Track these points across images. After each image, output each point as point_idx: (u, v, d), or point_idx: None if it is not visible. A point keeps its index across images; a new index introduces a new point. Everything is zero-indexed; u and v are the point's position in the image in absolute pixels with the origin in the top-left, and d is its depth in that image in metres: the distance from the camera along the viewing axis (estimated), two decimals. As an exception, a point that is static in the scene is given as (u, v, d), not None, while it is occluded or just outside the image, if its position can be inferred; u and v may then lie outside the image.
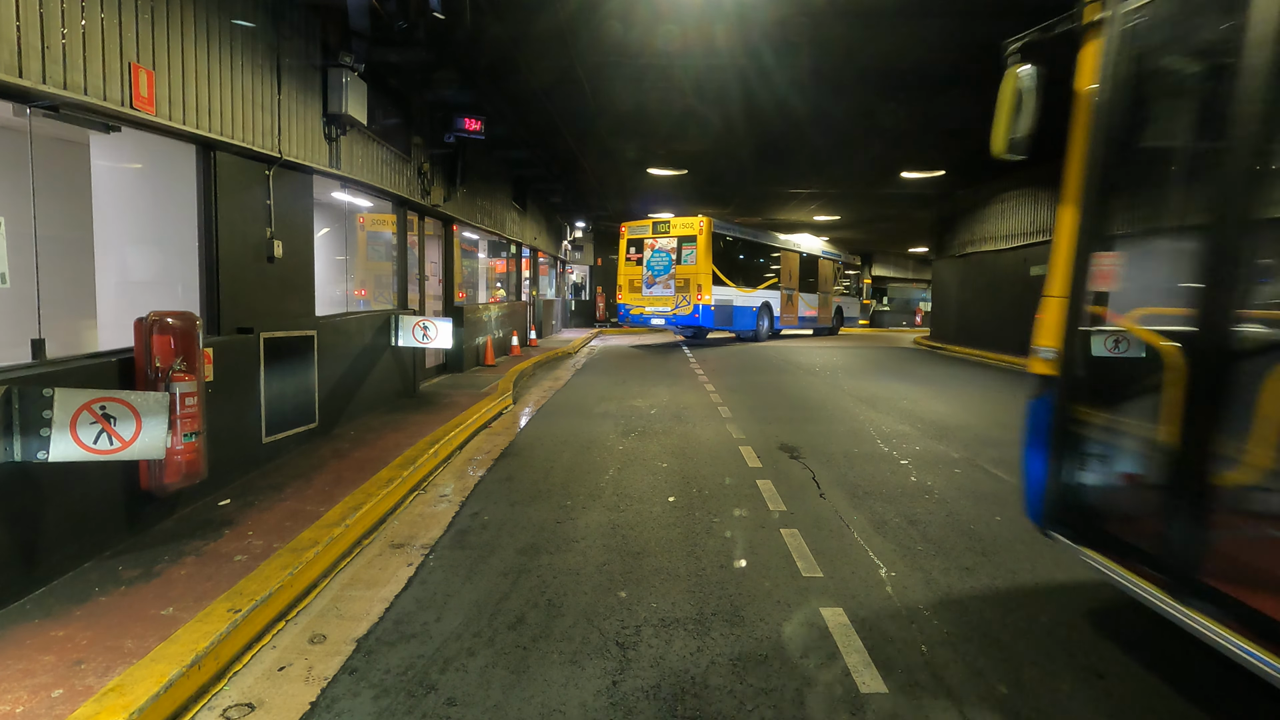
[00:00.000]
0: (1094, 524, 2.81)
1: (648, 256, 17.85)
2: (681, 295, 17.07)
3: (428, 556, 3.84)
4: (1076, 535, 2.83)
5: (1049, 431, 2.94)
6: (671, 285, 17.35)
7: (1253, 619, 2.06)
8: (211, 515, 4.03)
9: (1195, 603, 2.24)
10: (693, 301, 16.83)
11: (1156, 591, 2.40)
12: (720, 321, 17.55)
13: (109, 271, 4.66)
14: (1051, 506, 2.93)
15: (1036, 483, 3.01)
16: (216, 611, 2.88)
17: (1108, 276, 2.87)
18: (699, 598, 3.34)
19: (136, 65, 3.69)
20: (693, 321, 17.11)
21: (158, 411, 3.32)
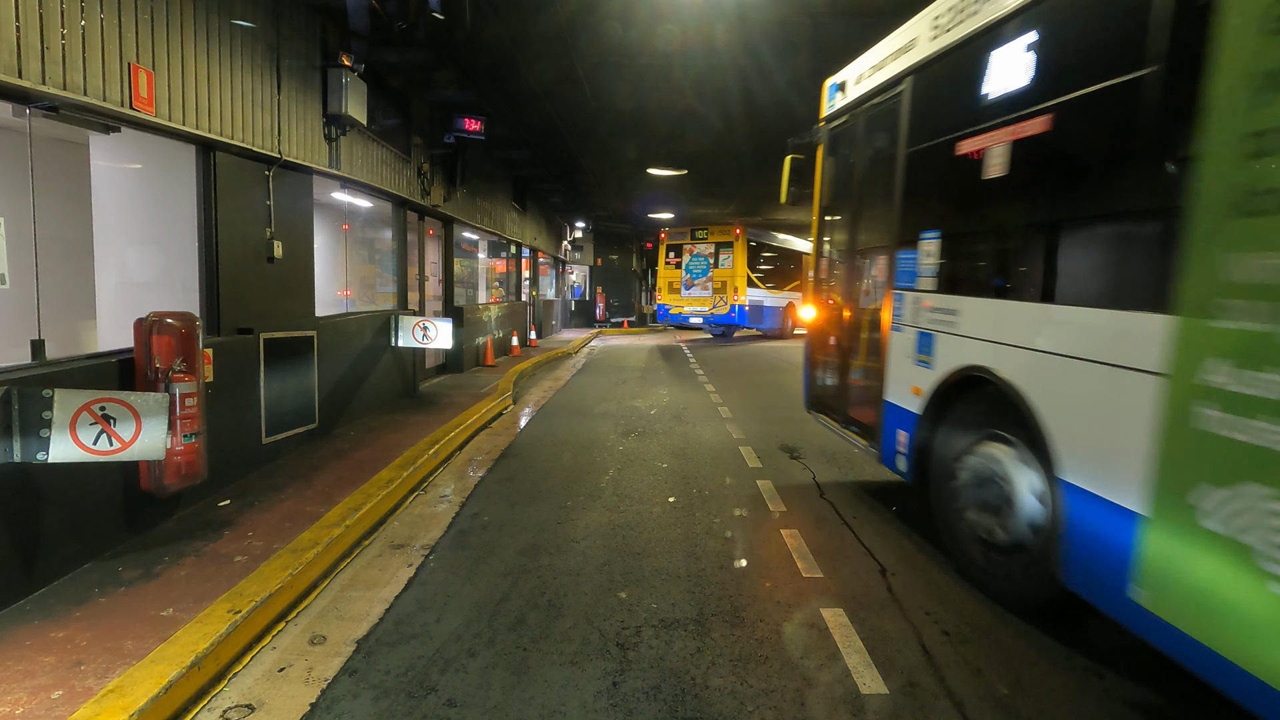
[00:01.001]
0: (822, 407, 5.68)
1: (686, 261, 19.75)
2: (719, 296, 18.97)
3: (428, 557, 3.84)
4: (814, 409, 5.82)
5: (805, 364, 5.99)
6: (709, 287, 19.20)
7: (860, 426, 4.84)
8: (211, 516, 4.02)
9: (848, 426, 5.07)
10: (729, 302, 18.73)
11: (835, 424, 5.31)
12: (753, 320, 19.26)
13: (109, 272, 4.65)
14: (807, 399, 5.95)
15: (805, 388, 6.01)
16: (216, 612, 2.88)
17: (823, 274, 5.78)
18: (699, 598, 3.34)
19: (136, 66, 3.68)
20: (728, 320, 18.87)
21: (157, 412, 3.31)
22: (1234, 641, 2.04)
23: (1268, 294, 1.94)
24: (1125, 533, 2.44)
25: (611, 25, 7.72)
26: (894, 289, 4.33)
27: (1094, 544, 2.64)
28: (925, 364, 3.95)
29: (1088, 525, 2.67)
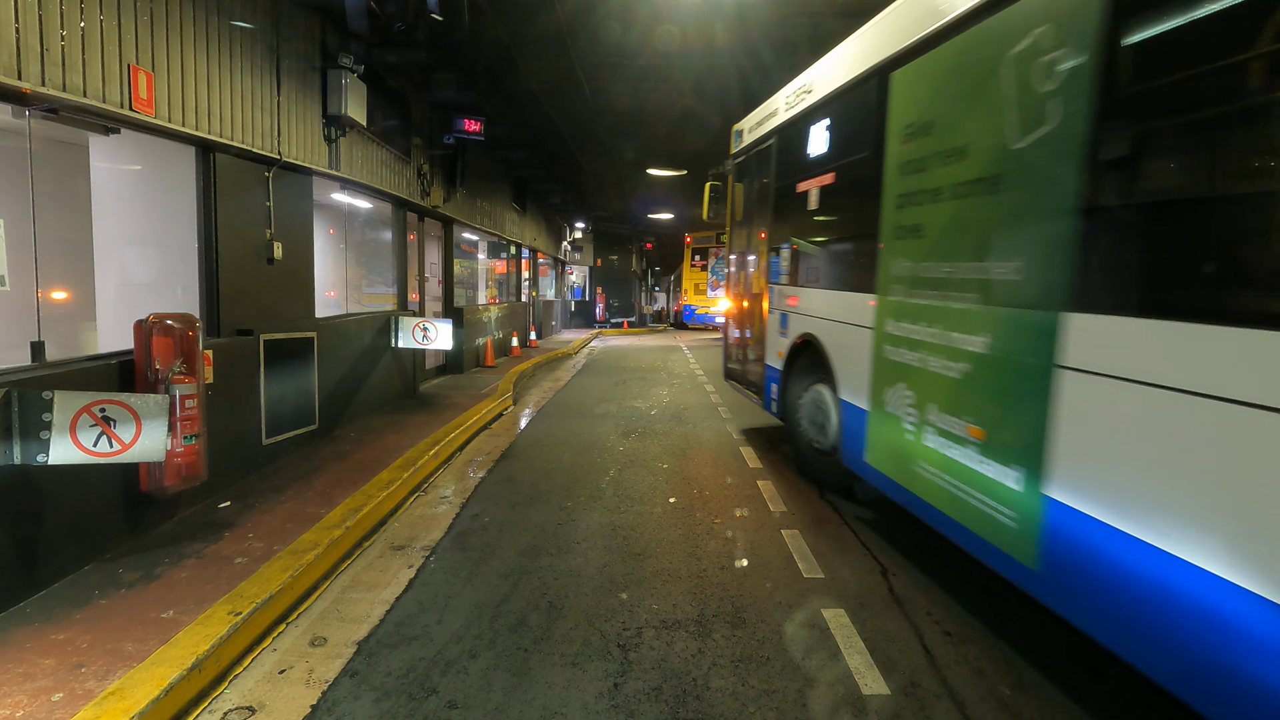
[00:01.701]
0: (732, 376, 7.36)
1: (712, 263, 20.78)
2: None
3: (428, 558, 3.84)
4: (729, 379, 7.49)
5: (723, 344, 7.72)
6: None
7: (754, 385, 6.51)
8: (212, 517, 4.02)
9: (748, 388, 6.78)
10: None
11: (740, 387, 7.09)
12: None
13: (109, 273, 4.65)
14: (724, 372, 7.63)
15: (722, 363, 7.70)
16: (217, 614, 2.88)
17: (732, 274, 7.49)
18: (700, 599, 3.34)
19: (136, 67, 3.68)
20: None
21: (157, 414, 3.31)
22: (898, 469, 3.69)
23: (904, 281, 3.62)
24: (861, 422, 4.14)
25: (611, 25, 7.73)
26: (769, 284, 6.07)
27: (850, 433, 4.36)
28: (784, 335, 5.62)
29: (849, 423, 4.39)
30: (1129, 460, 2.22)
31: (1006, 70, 2.86)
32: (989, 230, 2.98)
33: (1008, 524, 2.78)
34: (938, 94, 3.44)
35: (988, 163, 2.99)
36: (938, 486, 3.30)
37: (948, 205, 3.28)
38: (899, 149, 3.73)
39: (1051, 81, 2.60)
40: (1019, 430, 2.73)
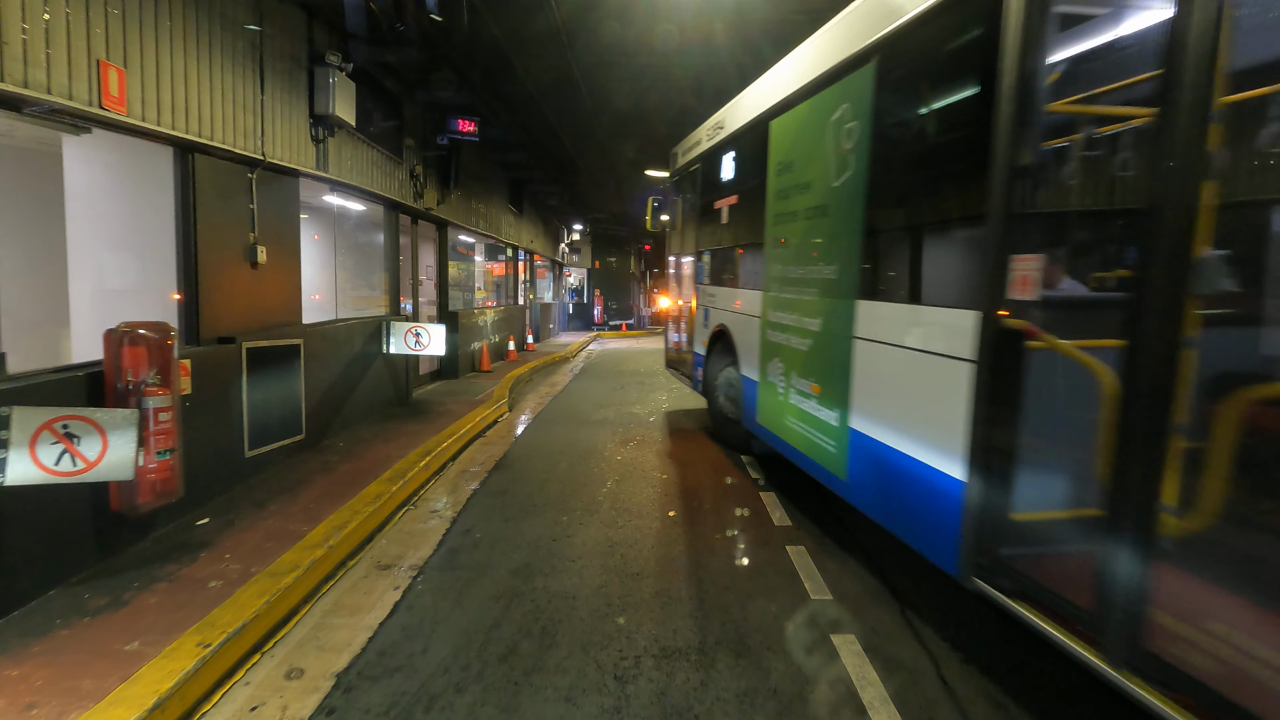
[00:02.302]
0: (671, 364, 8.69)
1: None
2: None
3: (415, 579, 3.65)
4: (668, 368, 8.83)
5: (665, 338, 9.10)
6: None
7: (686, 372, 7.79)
8: (188, 536, 3.83)
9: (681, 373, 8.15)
10: None
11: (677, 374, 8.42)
12: None
13: (84, 279, 4.46)
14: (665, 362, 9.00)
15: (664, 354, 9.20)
16: (185, 646, 2.69)
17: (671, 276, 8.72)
18: (702, 624, 3.15)
19: (105, 63, 3.49)
20: None
21: (125, 429, 3.12)
22: (775, 425, 4.73)
23: (777, 280, 4.66)
24: (754, 391, 5.26)
25: (609, 24, 7.55)
26: (697, 284, 7.30)
27: (747, 400, 5.49)
28: (706, 327, 6.83)
29: (747, 393, 5.50)
30: (883, 395, 3.38)
31: (829, 129, 4.00)
32: (821, 244, 4.10)
33: (831, 451, 3.92)
34: (795, 141, 4.54)
35: (820, 195, 4.11)
36: (797, 433, 4.43)
37: (800, 224, 4.41)
38: (775, 179, 4.86)
39: (850, 141, 3.74)
40: (836, 383, 3.83)
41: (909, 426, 3.11)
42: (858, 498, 3.62)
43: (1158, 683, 1.93)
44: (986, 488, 2.63)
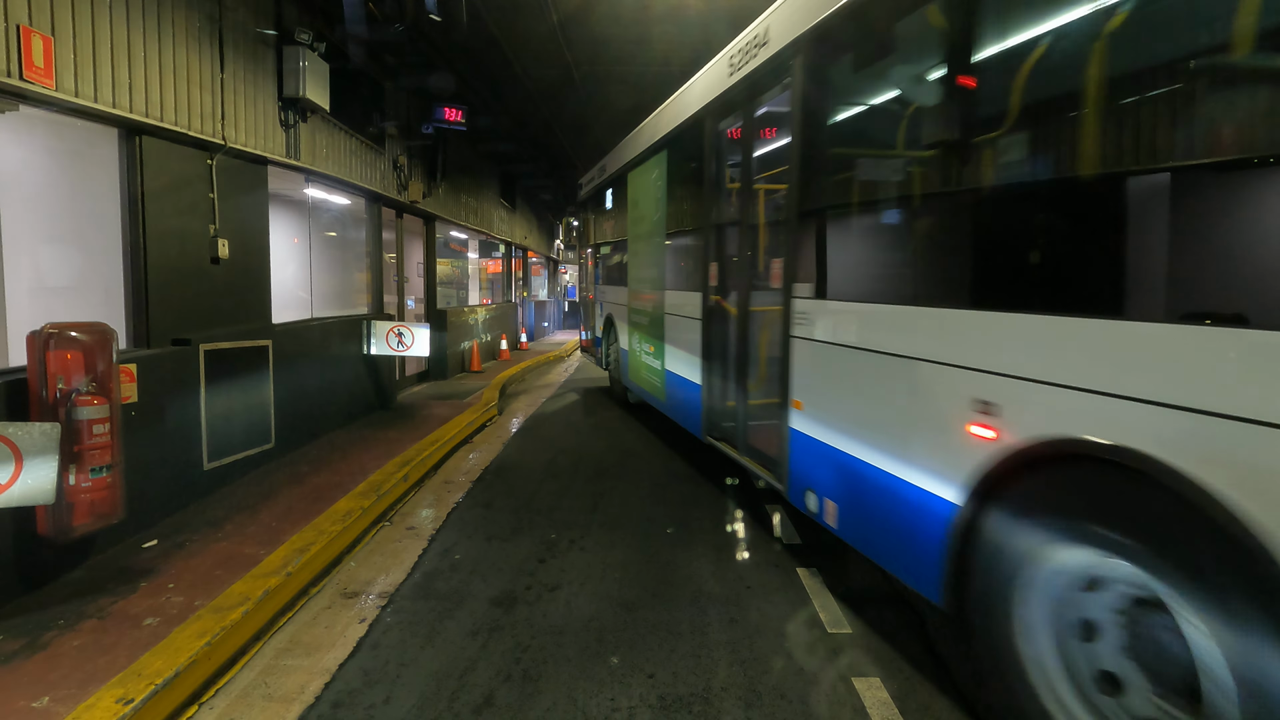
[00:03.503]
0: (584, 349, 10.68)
1: None
2: None
3: (384, 610, 3.26)
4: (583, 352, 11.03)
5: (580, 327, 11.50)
6: None
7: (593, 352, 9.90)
8: (130, 561, 3.43)
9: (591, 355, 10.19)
10: None
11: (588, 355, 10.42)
12: None
13: (19, 276, 4.05)
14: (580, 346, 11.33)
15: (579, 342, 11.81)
16: (102, 703, 2.29)
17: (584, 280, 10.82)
18: (705, 664, 2.77)
19: (28, 29, 3.09)
20: None
21: (44, 447, 2.73)
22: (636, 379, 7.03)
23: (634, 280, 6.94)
24: (626, 357, 7.44)
25: (604, 10, 7.14)
26: (595, 284, 9.32)
27: (624, 366, 7.58)
28: (600, 317, 8.91)
29: (623, 361, 7.56)
30: (675, 344, 5.54)
31: (652, 183, 6.17)
32: (651, 255, 6.28)
33: (657, 385, 6.14)
34: (639, 187, 6.69)
35: (649, 224, 6.27)
36: (648, 381, 6.51)
37: (642, 242, 6.58)
38: (631, 211, 7.02)
39: (659, 192, 5.96)
40: (659, 343, 5.98)
41: (683, 363, 5.41)
42: (667, 410, 6.08)
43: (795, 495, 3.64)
44: (711, 388, 4.86)
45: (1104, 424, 1.81)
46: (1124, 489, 1.78)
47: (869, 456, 2.89)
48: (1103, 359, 1.83)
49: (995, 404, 2.17)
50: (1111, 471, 1.80)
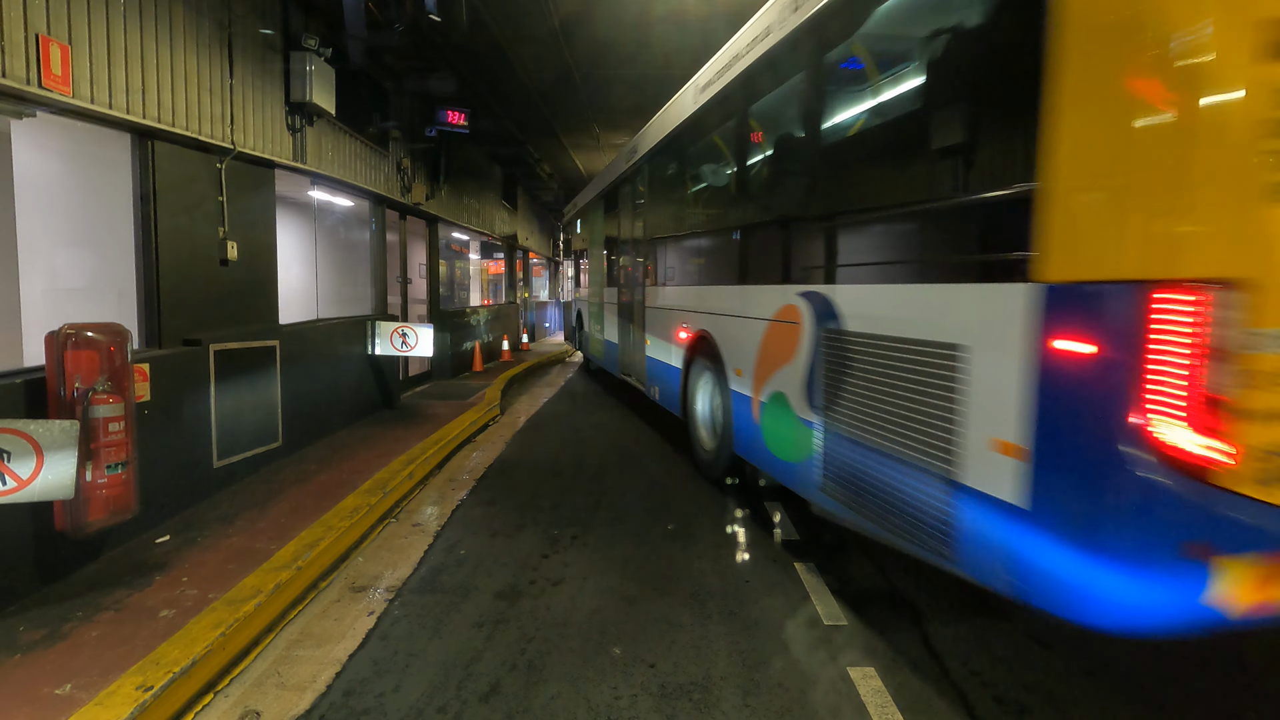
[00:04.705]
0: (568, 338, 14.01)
1: None
2: None
3: (392, 603, 3.34)
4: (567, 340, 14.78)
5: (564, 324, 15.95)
6: None
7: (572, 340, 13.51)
8: (144, 556, 3.52)
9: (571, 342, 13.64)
10: None
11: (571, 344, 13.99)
12: None
13: (35, 277, 4.14)
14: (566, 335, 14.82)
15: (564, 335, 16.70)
16: (122, 690, 2.38)
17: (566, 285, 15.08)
18: (705, 655, 2.85)
19: (46, 38, 3.18)
20: None
21: (64, 444, 2.81)
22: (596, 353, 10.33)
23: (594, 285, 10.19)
24: (587, 339, 11.03)
25: (606, 14, 7.23)
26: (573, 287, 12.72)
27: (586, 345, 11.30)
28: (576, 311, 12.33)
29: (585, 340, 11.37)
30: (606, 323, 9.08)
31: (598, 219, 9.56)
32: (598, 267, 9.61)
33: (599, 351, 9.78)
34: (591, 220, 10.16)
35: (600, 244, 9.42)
36: (596, 351, 10.03)
37: (597, 260, 9.69)
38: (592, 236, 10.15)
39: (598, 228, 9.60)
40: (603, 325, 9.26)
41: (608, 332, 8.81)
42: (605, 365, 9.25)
43: None
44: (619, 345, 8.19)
45: (706, 325, 4.99)
46: (710, 344, 4.88)
47: (662, 359, 6.31)
48: (706, 301, 4.99)
49: (686, 324, 5.48)
50: (708, 339, 4.92)
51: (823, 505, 3.32)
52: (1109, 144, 1.84)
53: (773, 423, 3.84)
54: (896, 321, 2.71)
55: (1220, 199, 1.74)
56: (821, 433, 3.26)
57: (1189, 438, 1.77)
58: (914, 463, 2.57)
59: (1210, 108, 1.71)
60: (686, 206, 5.71)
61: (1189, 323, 1.74)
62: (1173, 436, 1.78)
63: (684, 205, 5.75)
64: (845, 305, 3.10)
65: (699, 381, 5.31)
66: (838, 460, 3.12)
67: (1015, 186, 2.10)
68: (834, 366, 3.16)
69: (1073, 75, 1.89)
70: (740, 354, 4.34)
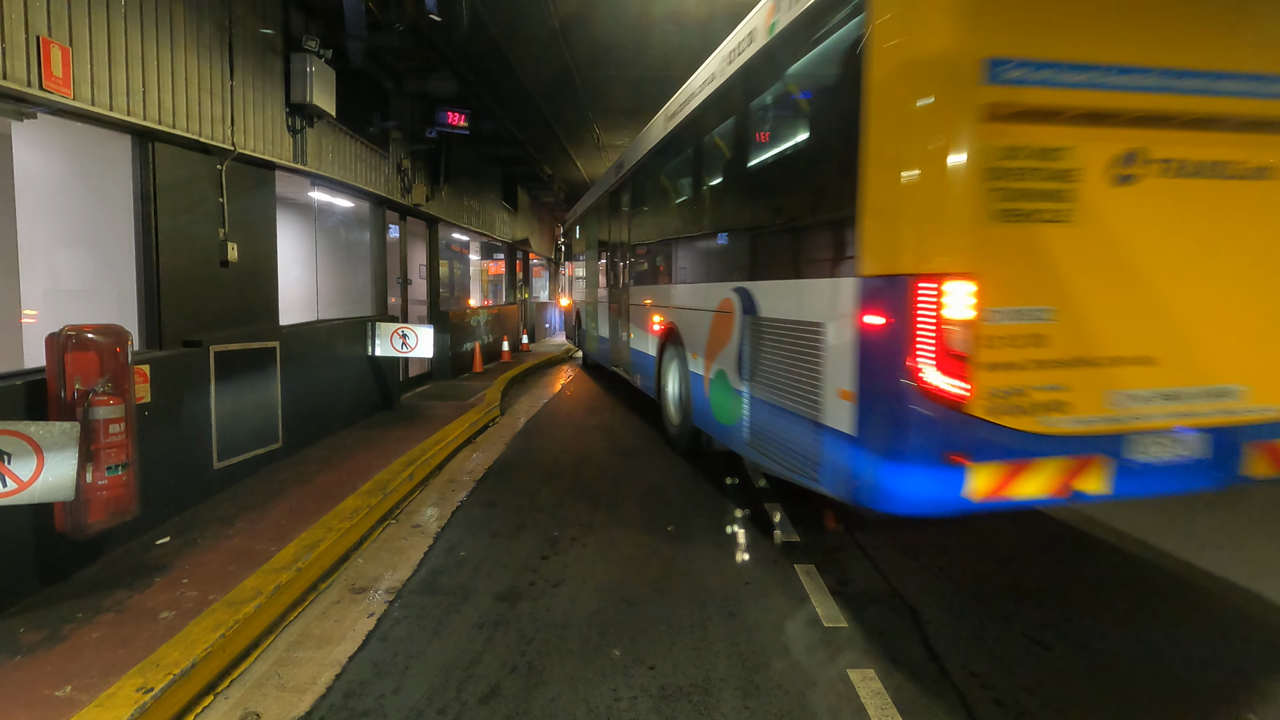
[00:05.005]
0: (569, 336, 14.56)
1: None
2: None
3: (392, 604, 3.34)
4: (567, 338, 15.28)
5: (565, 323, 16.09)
6: None
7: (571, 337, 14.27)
8: (144, 558, 3.52)
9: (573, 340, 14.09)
10: None
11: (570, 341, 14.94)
12: None
13: (36, 278, 4.14)
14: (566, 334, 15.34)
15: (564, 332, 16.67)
16: (123, 692, 2.38)
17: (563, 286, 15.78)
18: (705, 656, 2.85)
19: (47, 40, 3.18)
20: None
21: (64, 445, 2.82)
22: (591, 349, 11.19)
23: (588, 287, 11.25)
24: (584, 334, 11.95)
25: (606, 14, 7.23)
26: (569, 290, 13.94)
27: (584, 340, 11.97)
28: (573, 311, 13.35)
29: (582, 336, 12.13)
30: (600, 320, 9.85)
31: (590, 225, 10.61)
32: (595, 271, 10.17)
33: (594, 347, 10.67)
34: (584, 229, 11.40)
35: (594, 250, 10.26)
36: (592, 347, 10.89)
37: (592, 265, 10.46)
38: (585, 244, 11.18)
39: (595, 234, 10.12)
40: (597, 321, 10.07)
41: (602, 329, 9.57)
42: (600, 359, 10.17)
43: None
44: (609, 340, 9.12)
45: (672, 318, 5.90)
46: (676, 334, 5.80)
47: (641, 349, 7.16)
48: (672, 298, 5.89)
49: (659, 318, 6.35)
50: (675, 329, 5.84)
51: (750, 458, 4.24)
52: (894, 187, 2.74)
53: (717, 395, 4.77)
54: (788, 308, 3.67)
55: (957, 222, 2.65)
56: (748, 399, 4.18)
57: (941, 379, 2.61)
58: (798, 413, 3.45)
59: (950, 166, 2.63)
60: (659, 217, 6.70)
61: (936, 302, 2.60)
62: (931, 378, 2.62)
63: (657, 216, 6.77)
64: (760, 297, 4.07)
65: (669, 367, 6.22)
66: (757, 419, 4.07)
67: (846, 213, 2.98)
68: (754, 345, 4.09)
69: (875, 144, 2.81)
70: (696, 340, 5.26)
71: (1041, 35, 2.71)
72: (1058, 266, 2.75)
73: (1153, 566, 3.78)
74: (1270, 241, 2.95)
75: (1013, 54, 2.68)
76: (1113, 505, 4.58)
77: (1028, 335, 2.72)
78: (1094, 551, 4.00)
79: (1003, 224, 2.68)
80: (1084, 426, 2.77)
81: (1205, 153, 2.86)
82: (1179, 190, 2.85)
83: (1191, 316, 2.88)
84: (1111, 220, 2.78)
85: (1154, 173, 2.82)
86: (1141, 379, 2.83)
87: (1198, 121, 2.82)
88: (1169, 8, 2.80)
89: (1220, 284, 2.90)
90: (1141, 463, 2.82)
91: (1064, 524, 4.39)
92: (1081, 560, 3.89)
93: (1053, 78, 2.71)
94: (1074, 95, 2.72)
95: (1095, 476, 2.79)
